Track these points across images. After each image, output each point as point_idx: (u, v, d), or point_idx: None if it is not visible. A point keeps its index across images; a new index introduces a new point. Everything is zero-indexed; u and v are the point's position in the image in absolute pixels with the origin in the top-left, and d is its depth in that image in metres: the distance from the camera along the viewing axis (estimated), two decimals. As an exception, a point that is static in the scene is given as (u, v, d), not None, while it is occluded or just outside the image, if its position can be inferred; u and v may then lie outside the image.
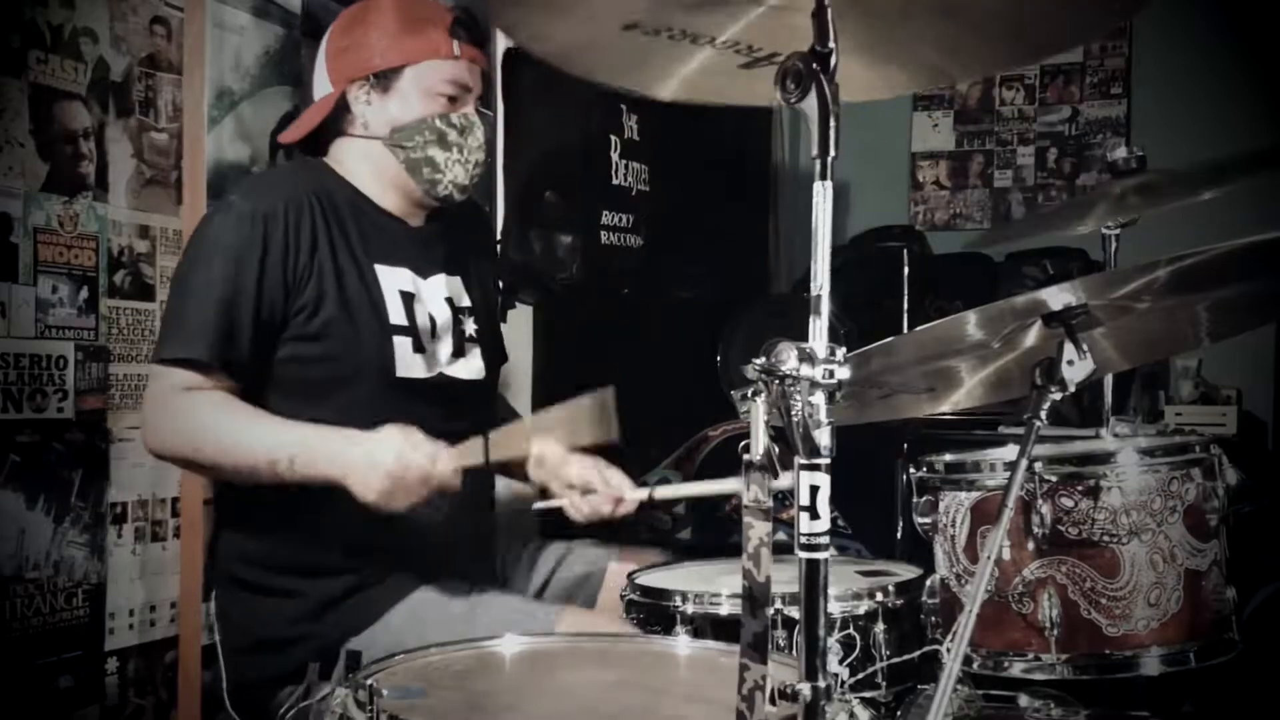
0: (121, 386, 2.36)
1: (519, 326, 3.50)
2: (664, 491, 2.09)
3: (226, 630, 1.94)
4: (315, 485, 1.76)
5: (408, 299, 1.96)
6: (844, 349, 1.05)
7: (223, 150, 2.55)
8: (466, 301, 2.08)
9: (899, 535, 2.92)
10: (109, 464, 2.34)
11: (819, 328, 1.05)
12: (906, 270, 3.67)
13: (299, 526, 1.87)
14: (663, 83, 1.33)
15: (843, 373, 1.04)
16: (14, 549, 2.16)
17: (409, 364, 1.94)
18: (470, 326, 2.07)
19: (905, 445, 3.03)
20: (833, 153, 1.07)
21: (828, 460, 1.04)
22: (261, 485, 1.79)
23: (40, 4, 2.20)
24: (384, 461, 1.72)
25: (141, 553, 2.41)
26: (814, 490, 1.03)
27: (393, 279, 1.96)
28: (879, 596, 1.75)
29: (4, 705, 2.14)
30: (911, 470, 1.89)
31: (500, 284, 3.32)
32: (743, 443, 1.05)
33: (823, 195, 1.07)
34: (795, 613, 1.09)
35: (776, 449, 1.05)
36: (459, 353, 2.03)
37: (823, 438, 1.04)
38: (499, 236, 3.31)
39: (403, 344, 1.93)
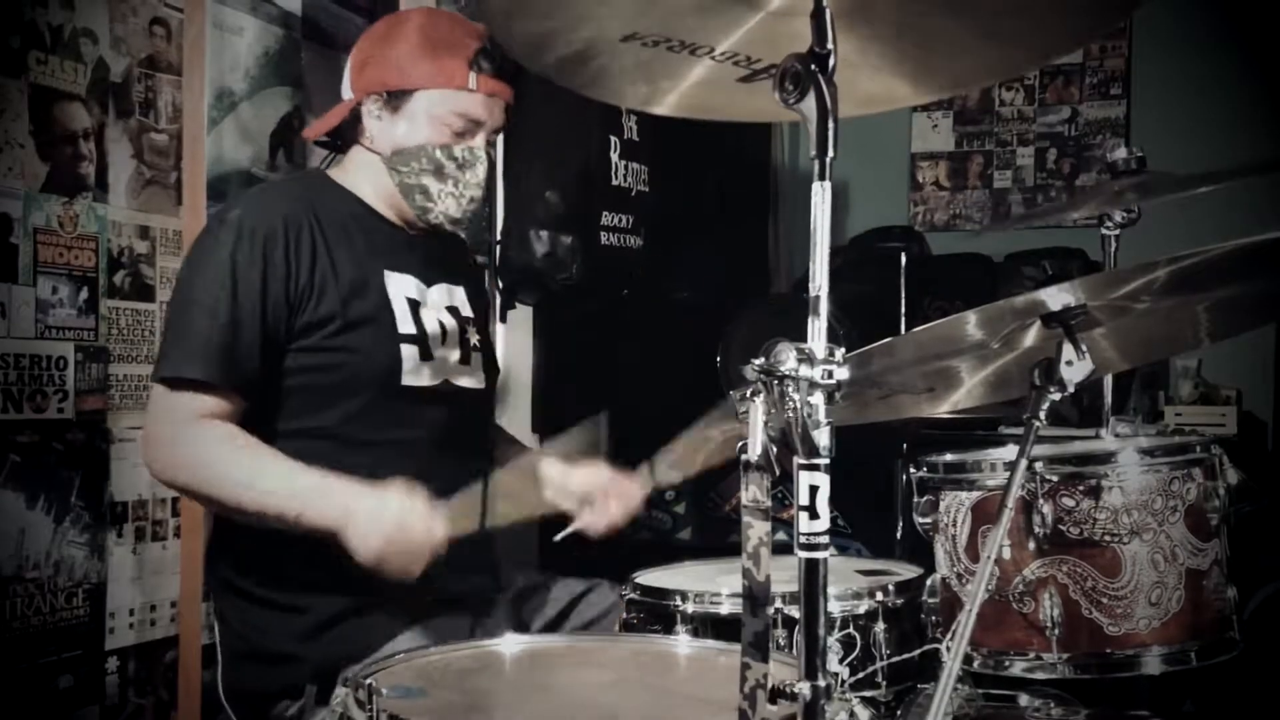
0: (121, 387, 2.36)
1: (519, 327, 3.50)
2: (664, 471, 1.99)
3: (225, 634, 1.93)
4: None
5: (414, 306, 1.96)
6: (843, 349, 1.05)
7: (223, 151, 2.55)
8: (469, 312, 2.08)
9: (899, 535, 2.92)
10: (109, 464, 2.34)
11: (818, 328, 1.05)
12: (905, 271, 3.66)
13: (296, 544, 1.85)
14: (661, 98, 1.33)
15: (842, 373, 1.04)
16: (14, 549, 2.16)
17: (415, 372, 1.92)
18: (474, 336, 2.07)
19: (905, 445, 3.03)
20: (831, 153, 1.07)
21: (827, 460, 1.04)
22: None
23: (40, 4, 2.20)
24: (385, 525, 1.69)
25: (141, 553, 2.41)
26: (813, 490, 1.03)
27: (400, 286, 1.95)
28: (879, 596, 1.75)
29: (4, 705, 2.14)
30: (912, 470, 1.89)
31: (500, 286, 3.34)
32: (740, 443, 1.05)
33: (821, 196, 1.06)
34: (795, 612, 1.08)
35: (774, 449, 1.05)
36: (465, 360, 2.03)
37: (822, 438, 1.04)
38: (499, 236, 3.32)
39: (410, 352, 1.92)
